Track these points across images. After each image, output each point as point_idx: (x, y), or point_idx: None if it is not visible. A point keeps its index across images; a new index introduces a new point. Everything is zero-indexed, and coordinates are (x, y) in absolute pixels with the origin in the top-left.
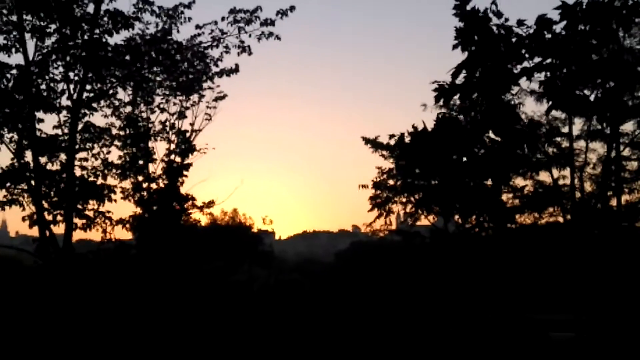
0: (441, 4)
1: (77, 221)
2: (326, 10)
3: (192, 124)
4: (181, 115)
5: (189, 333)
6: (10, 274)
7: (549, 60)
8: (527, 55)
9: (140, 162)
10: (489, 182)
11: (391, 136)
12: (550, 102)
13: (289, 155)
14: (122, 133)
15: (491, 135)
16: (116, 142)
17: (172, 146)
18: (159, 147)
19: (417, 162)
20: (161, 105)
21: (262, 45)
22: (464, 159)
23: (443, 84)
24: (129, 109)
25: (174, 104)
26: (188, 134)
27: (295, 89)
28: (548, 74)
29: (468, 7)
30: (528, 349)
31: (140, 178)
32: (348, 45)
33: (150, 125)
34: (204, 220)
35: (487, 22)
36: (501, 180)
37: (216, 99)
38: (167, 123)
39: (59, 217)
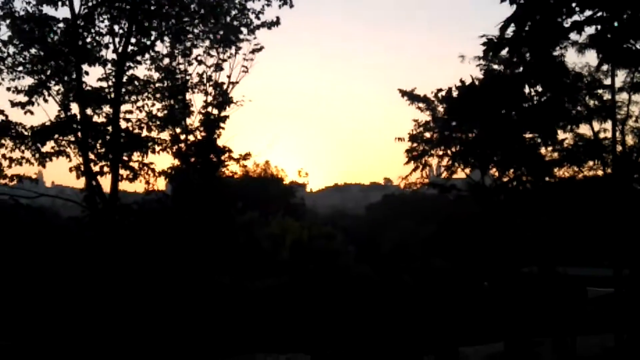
0: None
1: (122, 172)
2: None
3: (229, 77)
4: (218, 68)
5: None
6: (48, 223)
7: (599, 14)
8: (577, 9)
9: (178, 113)
10: (529, 135)
11: (439, 90)
12: (601, 56)
13: (323, 109)
14: (159, 85)
15: (537, 89)
16: (155, 95)
17: (210, 98)
18: (197, 100)
19: (466, 116)
20: (199, 58)
21: None
22: (512, 113)
23: (492, 37)
24: (166, 61)
25: (211, 56)
26: (225, 87)
27: (332, 43)
28: (598, 27)
29: None
30: (565, 304)
31: (178, 130)
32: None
33: (187, 77)
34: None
35: None
36: (548, 134)
37: (253, 51)
38: (205, 75)
39: (105, 169)
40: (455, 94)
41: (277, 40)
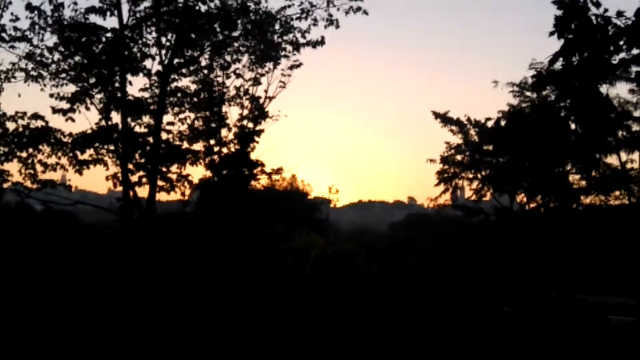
0: None
1: (160, 183)
2: None
3: (266, 91)
4: (256, 82)
5: (250, 298)
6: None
7: None
8: (624, 47)
9: (213, 125)
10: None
11: (488, 119)
12: None
13: (353, 127)
14: (196, 97)
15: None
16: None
17: (245, 112)
18: (232, 112)
19: (511, 144)
20: (237, 71)
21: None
22: (554, 143)
23: (541, 70)
24: (205, 73)
25: (250, 70)
26: (261, 101)
27: (368, 62)
28: None
29: None
30: (587, 332)
31: (212, 142)
32: (426, 23)
33: (225, 90)
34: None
35: (586, 11)
36: (590, 165)
37: (291, 67)
38: (242, 89)
39: (143, 179)
40: (502, 122)
41: (314, 56)
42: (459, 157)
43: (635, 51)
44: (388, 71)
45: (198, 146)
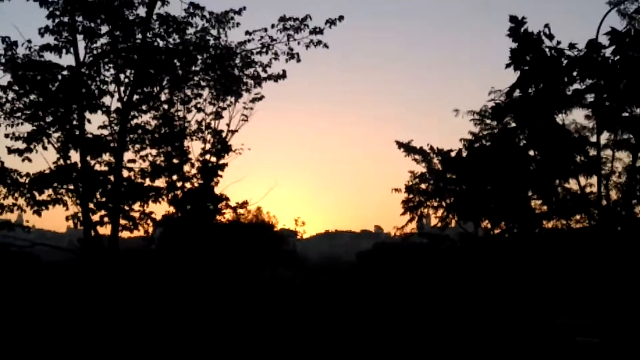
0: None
1: (122, 222)
2: (366, 19)
3: (228, 125)
4: (218, 116)
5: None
6: (30, 270)
7: (595, 82)
8: (578, 77)
9: (175, 161)
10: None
11: (450, 150)
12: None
13: (318, 158)
14: (157, 133)
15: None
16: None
17: (208, 146)
18: (195, 147)
19: (470, 173)
20: (198, 105)
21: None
22: (513, 172)
23: (500, 101)
24: (165, 107)
25: (211, 103)
26: (224, 134)
27: (329, 93)
28: (596, 95)
29: (522, 30)
30: (556, 353)
31: (174, 177)
32: (386, 54)
33: (186, 124)
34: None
35: (540, 44)
36: (549, 194)
37: (253, 100)
38: (203, 123)
39: (105, 219)
40: (463, 151)
41: (277, 89)
42: (423, 186)
43: (588, 81)
44: (351, 100)
45: (160, 182)
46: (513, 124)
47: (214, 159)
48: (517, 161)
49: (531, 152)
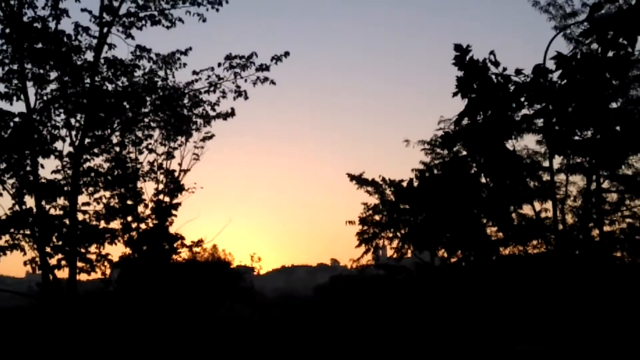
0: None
1: (80, 264)
2: (313, 54)
3: (180, 164)
4: (169, 156)
5: None
6: None
7: (544, 107)
8: (526, 103)
9: (129, 202)
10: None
11: (401, 181)
12: (551, 148)
13: (271, 193)
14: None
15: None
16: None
17: (161, 186)
18: (148, 187)
19: (421, 202)
20: (149, 146)
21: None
22: (466, 199)
23: (448, 130)
24: (116, 150)
25: (162, 144)
26: (176, 174)
27: (279, 128)
28: (545, 120)
29: (467, 58)
30: None
31: (129, 218)
32: (334, 87)
33: (138, 166)
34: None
35: (486, 71)
36: (504, 221)
37: (204, 139)
38: (155, 163)
39: (62, 262)
40: (415, 181)
41: (227, 126)
42: (377, 217)
43: (537, 106)
44: (302, 134)
45: (115, 224)
46: (463, 152)
47: (167, 199)
48: (469, 189)
49: (483, 180)
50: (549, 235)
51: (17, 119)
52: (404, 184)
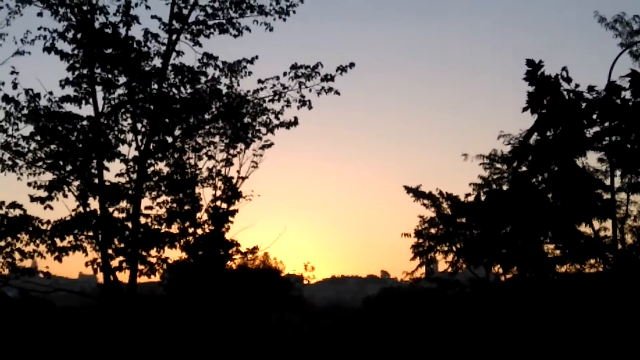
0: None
1: (141, 267)
2: (375, 64)
3: (238, 171)
4: (228, 163)
5: None
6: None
7: (616, 124)
8: (598, 120)
9: (187, 207)
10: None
11: (468, 194)
12: (622, 167)
13: (327, 203)
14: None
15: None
16: (162, 189)
17: (219, 192)
18: (206, 194)
19: (491, 218)
20: (209, 153)
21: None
22: (533, 216)
23: (516, 144)
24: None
25: (221, 151)
26: (234, 181)
27: (339, 138)
28: (616, 138)
29: (539, 73)
30: None
31: (186, 224)
32: (395, 99)
33: (197, 171)
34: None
35: (558, 87)
36: (572, 236)
37: (263, 147)
38: (214, 170)
39: (123, 264)
40: (480, 195)
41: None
42: (433, 230)
43: (607, 124)
44: (361, 145)
45: (173, 228)
46: (524, 168)
47: (224, 206)
48: (536, 205)
49: (549, 196)
50: (607, 254)
51: (84, 123)
52: (465, 198)
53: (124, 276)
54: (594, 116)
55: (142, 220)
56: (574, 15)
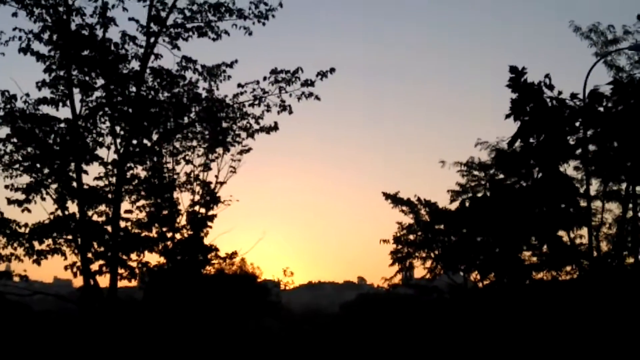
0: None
1: (121, 271)
2: (353, 71)
3: (216, 176)
4: (206, 168)
5: None
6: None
7: (599, 131)
8: (580, 127)
9: (165, 212)
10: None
11: (451, 200)
12: (601, 175)
13: (303, 209)
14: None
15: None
16: (142, 192)
17: (197, 197)
18: (184, 198)
19: (472, 225)
20: (187, 157)
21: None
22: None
23: (503, 149)
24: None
25: (199, 155)
26: (212, 186)
27: (316, 144)
28: (595, 146)
29: (522, 80)
30: None
31: (164, 228)
32: (372, 106)
33: (175, 176)
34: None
35: (541, 94)
36: (553, 241)
37: (241, 152)
38: (192, 175)
39: (103, 268)
40: (466, 203)
41: (264, 140)
42: (411, 237)
43: (590, 131)
44: (338, 151)
45: (153, 232)
46: (501, 175)
47: (203, 210)
48: (517, 212)
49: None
50: (583, 261)
51: (62, 125)
52: (453, 205)
53: (102, 280)
54: (577, 123)
55: (122, 224)
56: (550, 25)
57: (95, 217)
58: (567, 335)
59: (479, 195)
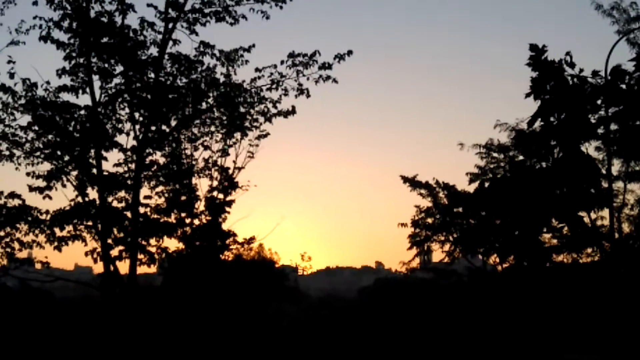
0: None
1: (140, 257)
2: (372, 54)
3: (234, 162)
4: (224, 153)
5: None
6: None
7: (621, 109)
8: (602, 105)
9: (183, 198)
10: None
11: (470, 181)
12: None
13: (322, 194)
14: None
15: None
16: (160, 179)
17: (215, 183)
18: (202, 184)
19: (492, 207)
20: (205, 143)
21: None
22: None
23: (523, 129)
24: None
25: (217, 141)
26: (230, 171)
27: (335, 127)
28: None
29: (542, 58)
30: None
31: (183, 214)
32: (391, 89)
33: (193, 162)
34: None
35: (562, 72)
36: (575, 222)
37: (259, 137)
38: (210, 160)
39: (123, 254)
40: (485, 184)
41: (282, 124)
42: (429, 220)
43: (612, 109)
44: (357, 135)
45: (172, 218)
46: (521, 157)
47: (221, 196)
48: (537, 193)
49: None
50: (604, 243)
51: (82, 112)
52: (472, 187)
53: (122, 266)
54: (599, 101)
55: (141, 209)
56: (571, 2)
57: (115, 204)
58: (587, 318)
59: (498, 176)
